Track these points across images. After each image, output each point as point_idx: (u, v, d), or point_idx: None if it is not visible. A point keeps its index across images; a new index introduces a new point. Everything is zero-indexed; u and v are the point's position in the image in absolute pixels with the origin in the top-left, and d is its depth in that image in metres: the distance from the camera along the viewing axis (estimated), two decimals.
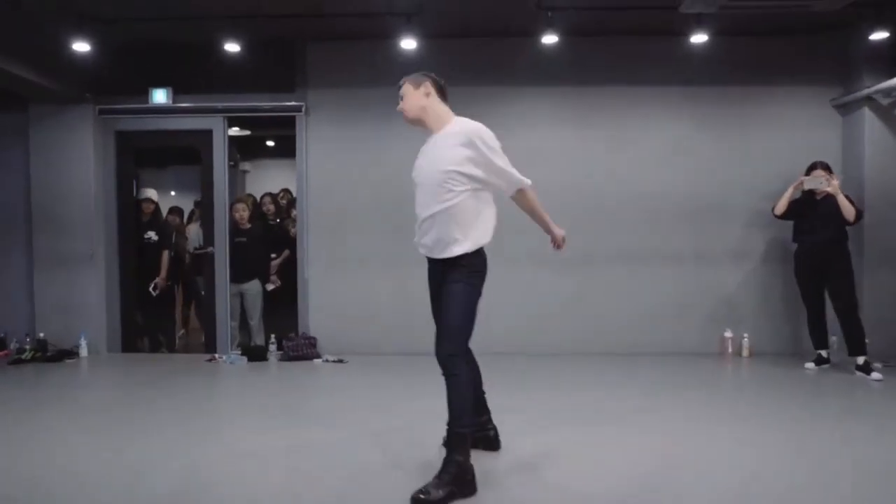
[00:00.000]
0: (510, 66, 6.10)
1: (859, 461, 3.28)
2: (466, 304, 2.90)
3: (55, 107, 6.12)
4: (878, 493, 2.88)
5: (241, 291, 6.42)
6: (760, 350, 6.07)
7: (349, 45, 6.08)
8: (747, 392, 4.98)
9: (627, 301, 6.18)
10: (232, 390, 5.17)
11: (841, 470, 3.16)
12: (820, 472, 3.13)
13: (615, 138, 6.17)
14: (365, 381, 5.22)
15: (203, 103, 6.20)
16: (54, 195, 6.21)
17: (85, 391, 5.12)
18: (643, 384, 5.00)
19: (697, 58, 5.88)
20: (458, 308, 2.89)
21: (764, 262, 6.17)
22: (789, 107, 6.11)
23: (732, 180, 6.13)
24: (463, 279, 2.90)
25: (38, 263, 6.28)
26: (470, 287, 2.92)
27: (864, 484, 2.99)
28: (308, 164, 6.25)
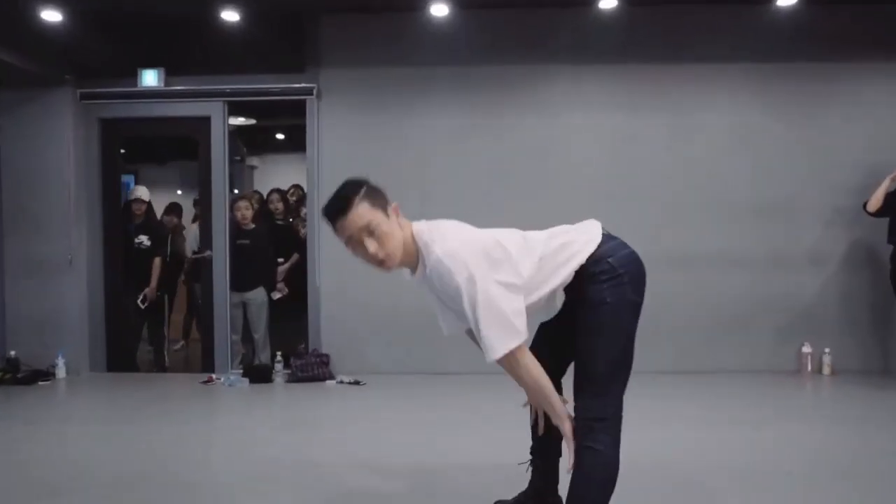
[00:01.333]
0: (552, 40, 5.32)
1: None
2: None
3: (30, 91, 5.36)
4: None
5: (244, 301, 5.64)
6: (844, 367, 5.27)
7: (367, 17, 5.31)
8: (830, 415, 4.25)
9: (687, 311, 5.37)
10: (230, 420, 4.35)
11: None
12: None
13: (673, 123, 5.40)
14: (387, 407, 4.42)
15: (200, 86, 5.43)
16: (28, 192, 5.44)
17: (48, 420, 4.31)
18: (702, 408, 4.26)
19: (769, 29, 5.17)
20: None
21: (847, 267, 5.37)
22: (878, 85, 5.34)
23: (810, 172, 5.35)
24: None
25: (8, 270, 5.50)
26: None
27: None
28: (320, 155, 5.46)
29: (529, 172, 5.36)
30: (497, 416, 3.83)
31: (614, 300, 1.97)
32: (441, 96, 5.39)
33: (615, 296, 1.98)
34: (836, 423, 3.97)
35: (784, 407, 4.37)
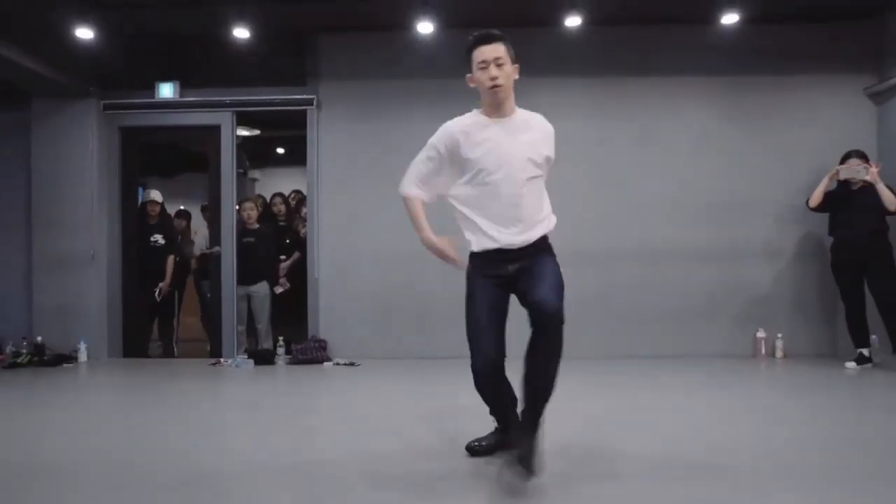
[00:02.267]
0: (530, 56, 5.84)
1: None
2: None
3: (58, 101, 5.93)
4: None
5: (249, 294, 6.15)
6: (795, 351, 5.77)
7: (363, 35, 5.89)
8: (783, 394, 4.61)
9: (653, 301, 5.89)
10: (237, 394, 4.86)
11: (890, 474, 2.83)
12: (864, 475, 2.79)
13: (640, 131, 5.95)
14: (378, 385, 4.91)
15: (211, 97, 6.00)
16: (55, 193, 6.00)
17: (78, 395, 4.82)
18: (669, 387, 4.69)
19: (725, 46, 5.70)
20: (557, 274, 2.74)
21: (797, 259, 5.90)
22: (821, 96, 5.90)
23: (762, 173, 5.90)
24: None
25: (36, 264, 6.04)
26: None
27: None
28: (319, 161, 6.03)
29: None
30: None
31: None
32: (429, 106, 5.89)
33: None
34: (789, 399, 4.38)
35: (738, 386, 4.77)
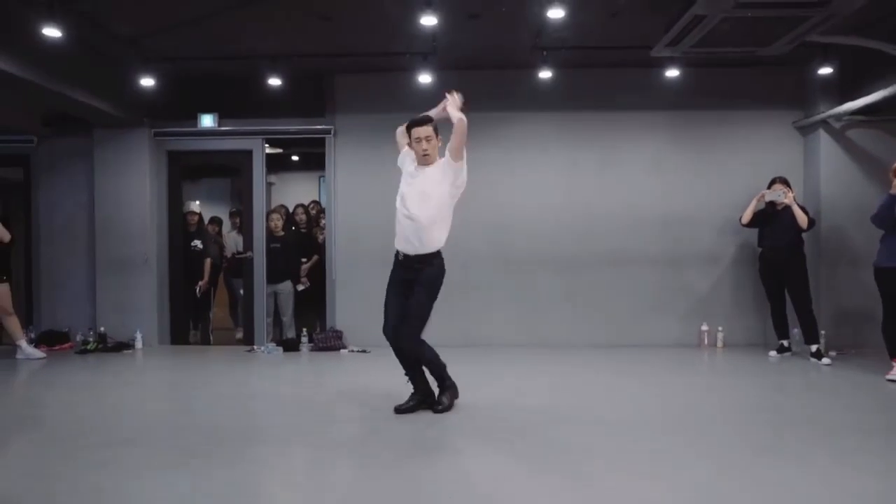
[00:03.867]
0: (511, 94, 7.00)
1: (811, 417, 4.13)
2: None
3: (116, 130, 7.05)
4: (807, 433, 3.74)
5: (276, 291, 7.30)
6: (733, 341, 6.90)
7: (373, 77, 7.00)
8: (718, 376, 5.80)
9: (614, 299, 7.03)
10: (272, 371, 6.04)
11: (786, 421, 4.02)
12: (769, 424, 3.98)
13: (602, 156, 7.05)
14: (385, 366, 6.08)
15: (245, 126, 7.11)
16: (114, 208, 7.13)
17: (157, 372, 6.04)
18: (624, 370, 5.83)
19: (673, 86, 6.74)
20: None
21: (735, 264, 7.02)
22: (756, 128, 6.99)
23: (706, 193, 7.00)
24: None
25: (99, 267, 7.18)
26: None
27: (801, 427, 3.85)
28: (336, 180, 7.16)
29: (496, 192, 7.00)
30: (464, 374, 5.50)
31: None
32: None
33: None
34: (722, 380, 5.61)
35: (675, 369, 5.94)
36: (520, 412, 4.24)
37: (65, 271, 7.36)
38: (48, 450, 3.56)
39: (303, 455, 3.48)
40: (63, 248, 7.35)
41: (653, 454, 3.36)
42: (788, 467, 3.14)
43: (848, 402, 4.57)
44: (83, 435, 3.77)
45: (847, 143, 6.67)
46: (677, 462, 3.24)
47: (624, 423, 3.99)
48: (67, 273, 7.35)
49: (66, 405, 4.62)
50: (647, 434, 3.74)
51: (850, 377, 5.35)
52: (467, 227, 4.14)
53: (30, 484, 3.03)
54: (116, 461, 3.28)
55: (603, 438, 3.65)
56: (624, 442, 3.59)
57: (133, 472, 3.13)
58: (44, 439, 3.79)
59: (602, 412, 4.23)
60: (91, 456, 3.36)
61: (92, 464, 3.24)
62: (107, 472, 3.13)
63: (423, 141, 3.94)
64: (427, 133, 3.95)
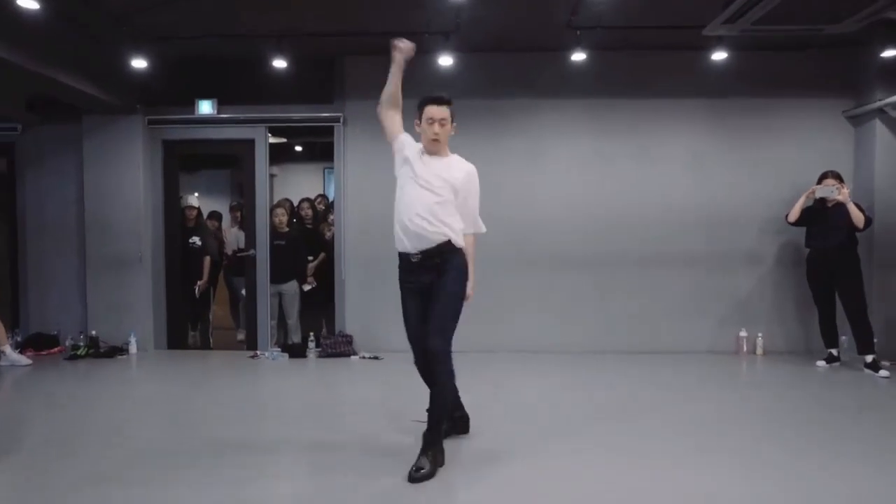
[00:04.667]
0: (538, 79, 6.44)
1: (867, 454, 3.60)
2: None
3: (107, 118, 6.49)
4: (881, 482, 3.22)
5: (280, 292, 6.78)
6: (773, 349, 6.39)
7: (386, 59, 6.38)
8: (760, 388, 5.28)
9: (647, 302, 6.51)
10: (277, 383, 5.53)
11: (848, 467, 3.49)
12: (828, 466, 3.46)
13: (636, 148, 6.50)
14: (402, 376, 5.57)
15: (246, 114, 6.56)
16: (106, 201, 6.58)
17: (147, 384, 5.51)
18: (659, 380, 5.34)
19: (715, 71, 6.19)
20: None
21: (777, 266, 6.49)
22: (802, 118, 6.43)
23: (747, 189, 6.45)
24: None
25: (90, 266, 6.65)
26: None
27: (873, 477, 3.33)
28: (346, 172, 6.62)
29: (520, 186, 6.48)
30: (474, 385, 4.99)
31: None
32: None
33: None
34: (765, 392, 5.09)
35: (721, 378, 5.51)
36: (537, 427, 3.72)
37: (53, 270, 6.83)
38: (23, 480, 3.05)
39: (315, 479, 2.97)
40: (51, 244, 6.82)
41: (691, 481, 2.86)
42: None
43: None
44: (66, 460, 3.27)
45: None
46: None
47: (654, 439, 3.48)
48: (56, 272, 6.83)
49: (50, 423, 4.12)
50: (683, 456, 3.24)
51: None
52: (488, 224, 3.63)
53: None
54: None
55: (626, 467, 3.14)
56: (657, 467, 3.07)
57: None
58: (21, 465, 3.28)
59: (631, 431, 3.71)
60: (73, 491, 2.85)
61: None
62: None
63: (437, 124, 3.33)
64: (444, 114, 3.35)
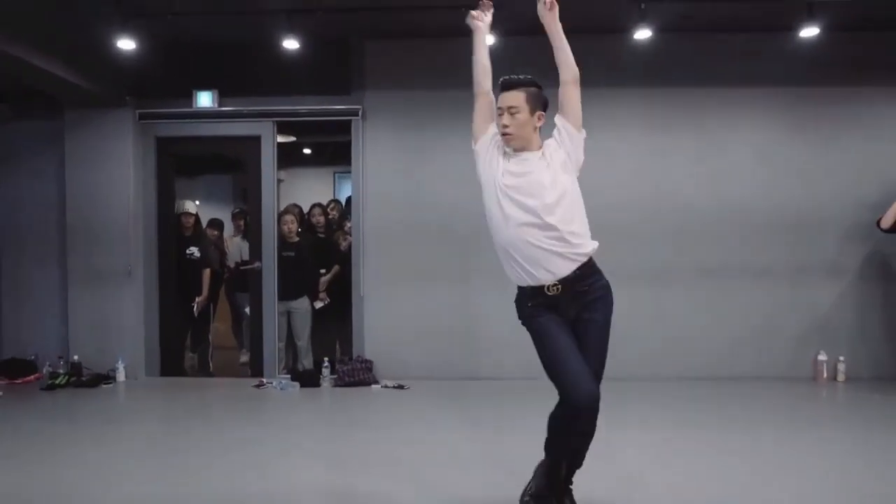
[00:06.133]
0: (589, 65, 5.58)
1: None
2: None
3: (92, 112, 5.69)
4: None
5: (289, 310, 5.96)
6: (857, 375, 5.60)
7: (411, 42, 5.63)
8: (844, 422, 4.57)
9: (710, 321, 5.70)
10: (290, 418, 4.67)
11: None
12: None
13: (700, 144, 5.72)
14: (432, 409, 4.73)
15: (251, 107, 5.75)
16: (90, 207, 5.78)
17: (135, 423, 4.66)
18: (723, 414, 4.60)
19: (790, 55, 5.43)
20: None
21: (862, 279, 5.68)
22: (892, 107, 5.65)
23: (828, 189, 5.67)
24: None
25: (72, 280, 5.83)
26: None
27: None
28: (365, 173, 5.80)
29: None
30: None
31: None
32: None
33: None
34: (850, 427, 4.32)
35: (797, 411, 4.72)
36: None
37: (30, 284, 6.02)
38: None
39: None
40: (28, 255, 6.01)
41: None
42: None
43: None
44: None
45: None
46: None
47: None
48: (34, 286, 6.01)
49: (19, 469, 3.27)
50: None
51: None
52: None
53: None
54: None
55: None
56: None
57: None
58: None
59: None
60: None
61: None
62: None
63: (506, 113, 2.59)
64: (514, 101, 2.58)
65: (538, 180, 2.54)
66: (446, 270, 5.70)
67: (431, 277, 5.71)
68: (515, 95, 2.58)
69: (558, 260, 2.50)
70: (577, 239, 2.53)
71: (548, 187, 2.52)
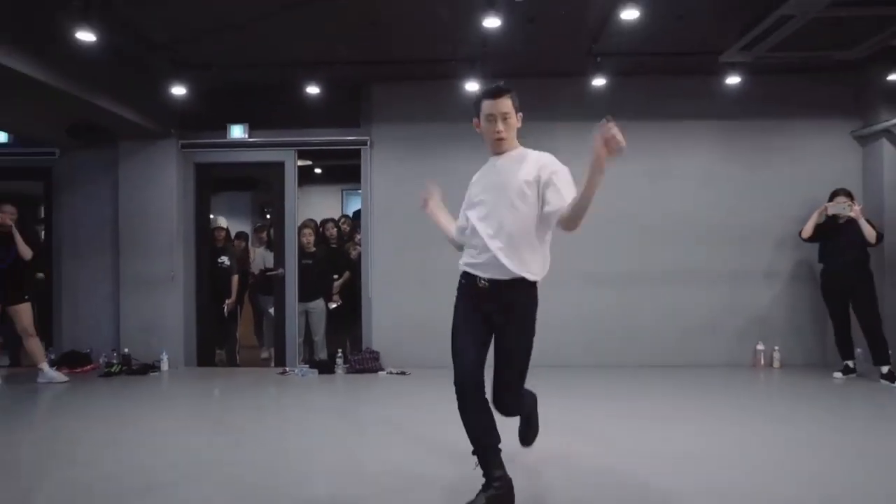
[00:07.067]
0: (558, 104, 6.67)
1: (887, 459, 3.77)
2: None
3: (143, 142, 6.73)
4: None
5: (307, 310, 6.96)
6: (790, 362, 6.56)
7: (412, 84, 6.70)
8: (779, 401, 5.45)
9: (666, 317, 6.69)
10: (309, 398, 5.68)
11: (868, 470, 3.63)
12: (847, 472, 3.60)
13: (654, 169, 6.71)
14: (429, 392, 5.72)
15: (277, 138, 6.80)
16: (139, 222, 6.80)
17: (178, 401, 5.67)
18: (677, 394, 5.49)
19: (727, 95, 6.43)
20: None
21: (792, 281, 6.69)
22: (813, 138, 6.68)
23: (762, 206, 6.66)
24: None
25: (123, 285, 6.84)
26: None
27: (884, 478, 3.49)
28: (372, 193, 6.84)
29: None
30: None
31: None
32: (468, 147, 6.60)
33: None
34: (783, 404, 5.27)
35: (739, 391, 5.68)
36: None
37: (86, 289, 7.02)
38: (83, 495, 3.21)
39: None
40: (84, 264, 7.01)
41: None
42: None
43: None
44: (117, 478, 3.43)
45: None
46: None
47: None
48: (89, 291, 7.01)
49: (98, 438, 4.27)
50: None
51: None
52: None
53: None
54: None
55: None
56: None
57: None
58: (77, 481, 3.43)
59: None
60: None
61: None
62: None
63: (499, 119, 2.81)
64: (505, 108, 2.80)
65: (504, 181, 2.84)
66: (442, 276, 6.70)
67: (430, 281, 6.69)
68: (506, 102, 2.80)
69: (499, 261, 2.82)
70: (524, 250, 2.86)
71: (508, 186, 2.82)
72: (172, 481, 3.35)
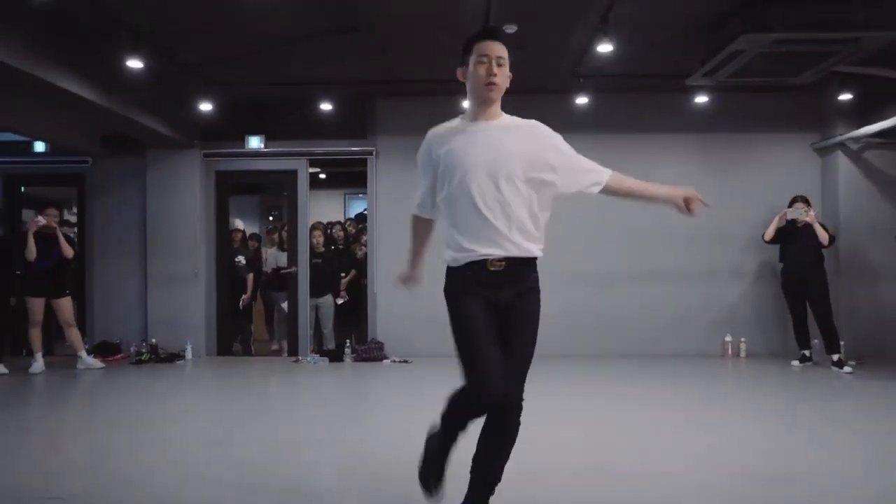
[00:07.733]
0: (544, 118, 7.26)
1: (833, 434, 4.47)
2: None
3: (168, 152, 7.39)
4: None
5: (317, 305, 7.62)
6: (755, 351, 7.26)
7: (414, 100, 7.38)
8: (745, 387, 6.10)
9: (643, 312, 7.38)
10: (322, 382, 6.35)
11: (820, 443, 4.35)
12: (800, 446, 4.31)
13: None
14: (428, 379, 6.39)
15: (290, 148, 7.47)
16: (165, 224, 7.46)
17: (205, 384, 6.35)
18: (653, 380, 6.15)
19: (700, 111, 7.14)
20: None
21: (757, 279, 7.39)
22: (776, 150, 7.39)
23: (730, 212, 7.28)
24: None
25: (150, 281, 7.51)
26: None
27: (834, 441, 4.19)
28: (377, 198, 7.52)
29: None
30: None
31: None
32: None
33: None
34: (747, 387, 5.98)
35: (709, 377, 6.38)
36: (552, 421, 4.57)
37: (116, 286, 7.67)
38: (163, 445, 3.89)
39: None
40: (114, 263, 7.67)
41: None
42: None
43: (867, 404, 4.97)
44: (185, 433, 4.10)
45: (864, 165, 7.07)
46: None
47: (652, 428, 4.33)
48: (119, 287, 7.66)
49: (157, 408, 4.94)
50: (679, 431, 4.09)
51: (869, 384, 5.73)
52: None
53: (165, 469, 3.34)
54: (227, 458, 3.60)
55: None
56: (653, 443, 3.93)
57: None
58: (146, 437, 4.09)
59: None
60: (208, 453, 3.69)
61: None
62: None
63: (493, 62, 2.36)
64: (501, 52, 2.38)
65: (499, 140, 2.46)
66: (439, 273, 7.39)
67: (429, 277, 7.35)
68: (502, 47, 2.37)
69: (503, 236, 2.48)
70: (529, 223, 2.52)
71: (505, 149, 2.45)
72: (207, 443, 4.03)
